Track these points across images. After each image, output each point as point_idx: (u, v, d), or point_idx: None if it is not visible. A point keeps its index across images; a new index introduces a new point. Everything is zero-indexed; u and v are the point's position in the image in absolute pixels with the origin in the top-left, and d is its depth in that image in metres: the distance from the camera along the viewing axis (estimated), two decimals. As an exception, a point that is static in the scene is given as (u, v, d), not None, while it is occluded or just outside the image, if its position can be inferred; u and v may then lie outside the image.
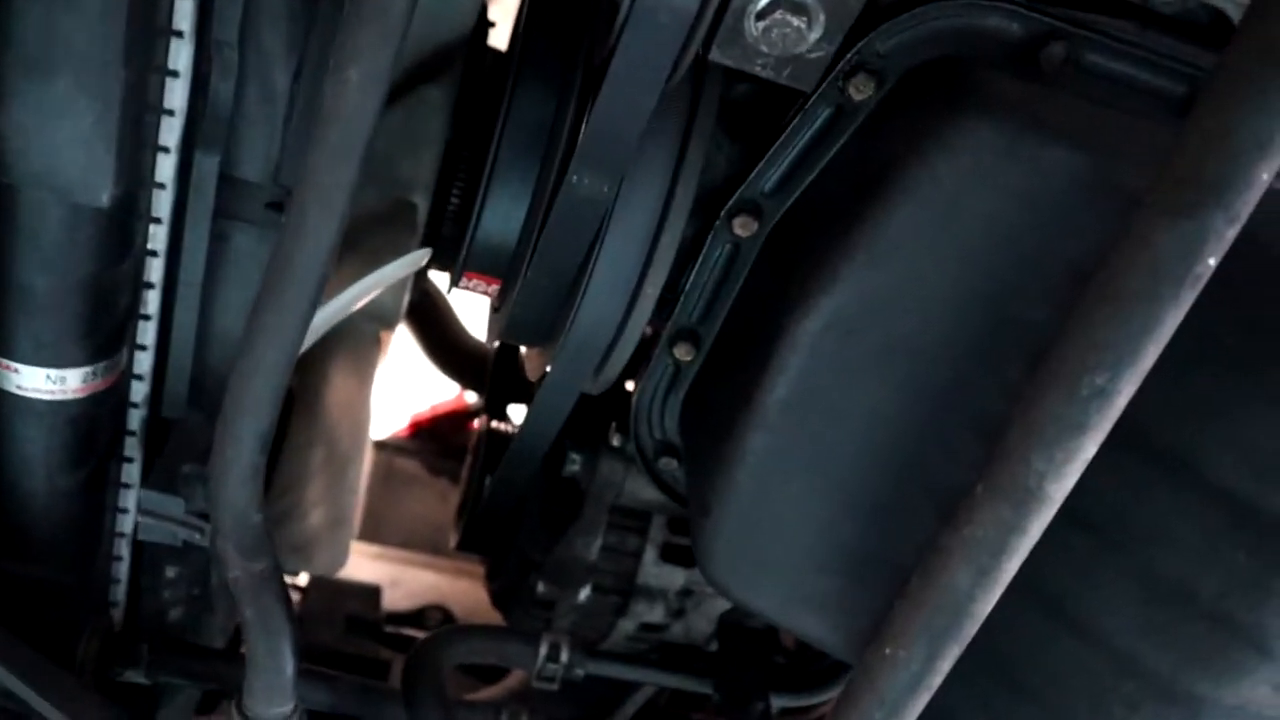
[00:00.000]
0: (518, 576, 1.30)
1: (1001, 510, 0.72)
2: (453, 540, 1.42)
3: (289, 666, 0.85)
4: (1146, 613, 0.81)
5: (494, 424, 1.41)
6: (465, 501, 1.41)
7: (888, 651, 0.79)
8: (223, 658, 1.06)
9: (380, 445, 2.41)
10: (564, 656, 1.10)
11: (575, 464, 1.20)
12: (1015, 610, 0.77)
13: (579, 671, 1.11)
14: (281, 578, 0.84)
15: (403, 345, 2.18)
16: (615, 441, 1.18)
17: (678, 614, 1.32)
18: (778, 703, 1.14)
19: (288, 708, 0.90)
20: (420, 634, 1.69)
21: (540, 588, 1.25)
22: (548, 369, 1.07)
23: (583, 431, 1.21)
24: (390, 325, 1.40)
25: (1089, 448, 0.69)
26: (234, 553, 0.81)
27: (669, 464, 1.08)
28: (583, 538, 1.23)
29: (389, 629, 1.76)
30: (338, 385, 1.36)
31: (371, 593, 1.76)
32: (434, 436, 2.46)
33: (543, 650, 1.09)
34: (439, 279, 2.16)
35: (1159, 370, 0.66)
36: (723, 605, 1.32)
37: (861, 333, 0.86)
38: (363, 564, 1.89)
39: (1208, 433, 0.77)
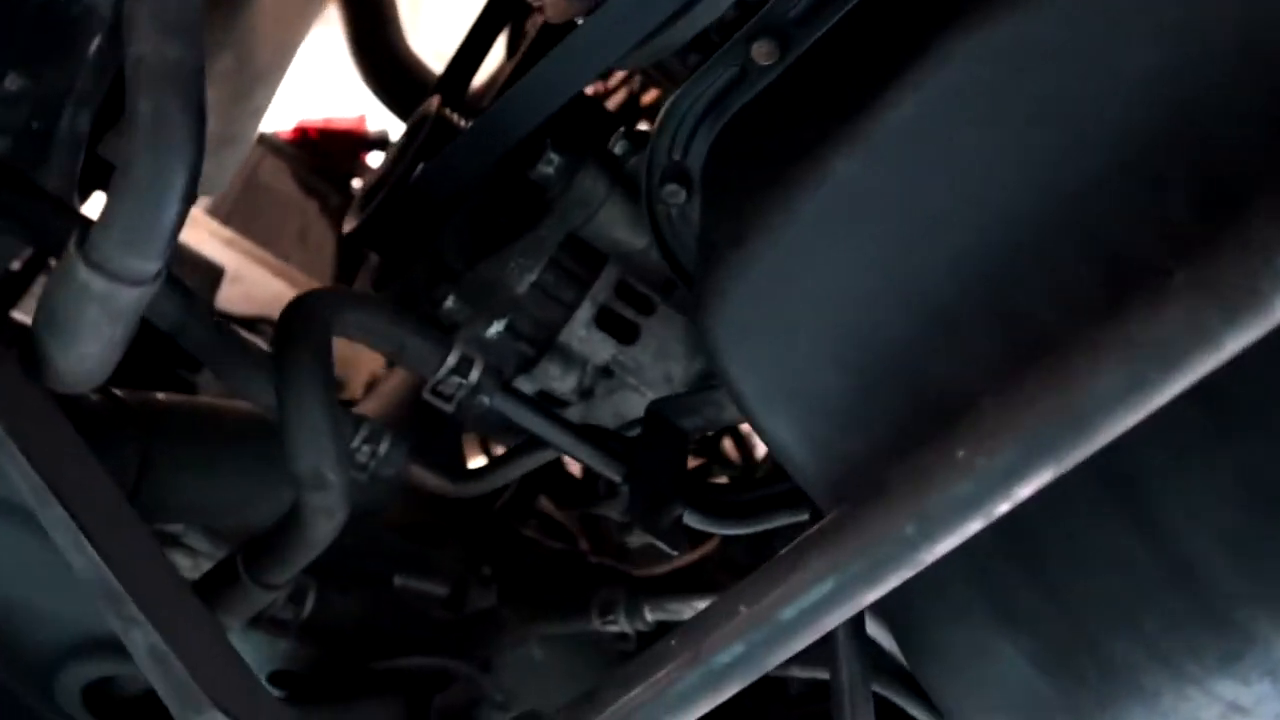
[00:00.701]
0: (423, 284, 1.06)
1: (1203, 309, 0.54)
2: (347, 226, 1.17)
3: (172, 208, 0.58)
4: (1239, 520, 0.66)
5: (446, 111, 1.16)
6: (378, 187, 1.16)
7: (960, 454, 0.60)
8: (60, 207, 0.76)
9: (257, 139, 2.09)
10: (474, 375, 0.87)
11: (551, 165, 0.97)
12: (1070, 475, 0.60)
13: (483, 400, 0.88)
14: (201, 77, 0.57)
15: (320, 39, 1.88)
16: (618, 149, 0.95)
17: (585, 394, 1.12)
18: (689, 520, 0.95)
19: (151, 268, 0.61)
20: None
21: (449, 303, 1.02)
22: (579, 20, 0.84)
23: (569, 132, 0.98)
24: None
25: (1366, 256, 0.51)
26: (148, 22, 0.56)
27: (674, 194, 0.86)
28: (521, 259, 1.00)
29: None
30: (276, -11, 1.09)
31: (213, 273, 1.48)
32: (318, 152, 2.14)
33: (452, 359, 0.87)
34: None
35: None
36: (638, 404, 1.12)
37: (1023, 77, 0.67)
38: (209, 243, 1.59)
39: None
